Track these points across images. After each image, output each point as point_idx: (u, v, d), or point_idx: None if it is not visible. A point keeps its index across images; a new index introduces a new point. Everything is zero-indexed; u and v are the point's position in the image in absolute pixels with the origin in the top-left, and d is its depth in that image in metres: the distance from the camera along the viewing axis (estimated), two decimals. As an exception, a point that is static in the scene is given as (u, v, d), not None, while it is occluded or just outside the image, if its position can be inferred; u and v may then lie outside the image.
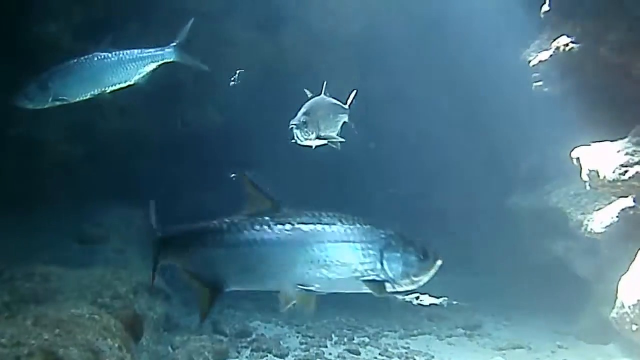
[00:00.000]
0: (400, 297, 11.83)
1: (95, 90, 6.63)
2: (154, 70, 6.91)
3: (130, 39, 10.44)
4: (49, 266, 8.12)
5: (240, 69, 12.19)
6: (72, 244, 9.84)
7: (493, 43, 11.08)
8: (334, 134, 6.69)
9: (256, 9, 12.07)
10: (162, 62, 6.95)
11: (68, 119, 10.46)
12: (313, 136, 6.28)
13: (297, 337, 9.62)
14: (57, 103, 6.56)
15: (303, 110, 6.31)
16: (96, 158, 11.23)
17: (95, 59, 6.63)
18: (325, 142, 6.51)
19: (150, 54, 6.89)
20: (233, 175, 14.16)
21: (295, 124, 6.12)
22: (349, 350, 9.01)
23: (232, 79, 12.74)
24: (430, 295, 12.02)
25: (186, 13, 11.07)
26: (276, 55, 12.37)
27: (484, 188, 11.96)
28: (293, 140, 6.22)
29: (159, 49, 6.95)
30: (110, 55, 6.71)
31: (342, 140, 6.65)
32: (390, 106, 12.99)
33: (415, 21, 12.04)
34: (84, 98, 6.64)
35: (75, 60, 6.58)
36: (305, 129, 6.16)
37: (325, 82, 6.95)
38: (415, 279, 4.35)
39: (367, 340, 9.61)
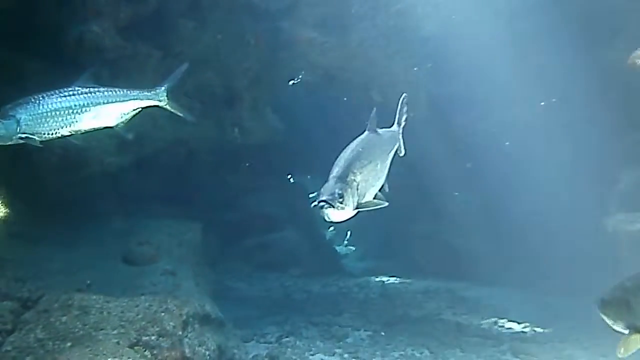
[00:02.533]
0: (476, 321, 10.82)
1: (68, 129, 5.70)
2: (137, 113, 6.09)
3: (184, 38, 9.68)
4: (89, 295, 7.20)
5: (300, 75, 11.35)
6: (117, 264, 8.94)
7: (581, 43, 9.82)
8: (376, 190, 5.13)
9: (320, 8, 11.02)
10: (147, 105, 6.11)
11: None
12: (351, 208, 4.59)
13: (368, 375, 8.53)
14: (22, 141, 5.61)
15: (337, 171, 4.68)
16: (146, 169, 10.37)
17: (73, 93, 5.71)
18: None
19: (136, 94, 6.02)
20: (290, 176, 13.40)
21: (327, 201, 4.42)
22: (427, 398, 7.90)
23: (293, 80, 11.87)
24: (509, 320, 10.92)
25: (248, 10, 10.19)
26: (341, 57, 11.29)
27: (573, 201, 10.64)
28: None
29: (146, 89, 6.10)
30: (90, 90, 5.77)
31: (385, 204, 4.96)
32: (468, 108, 11.87)
33: (498, 17, 10.82)
34: (55, 137, 5.71)
35: (49, 93, 5.64)
36: (341, 204, 4.47)
37: (375, 110, 5.56)
38: None
39: (446, 383, 8.49)
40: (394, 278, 14.01)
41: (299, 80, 11.49)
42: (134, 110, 6.03)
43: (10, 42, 8.23)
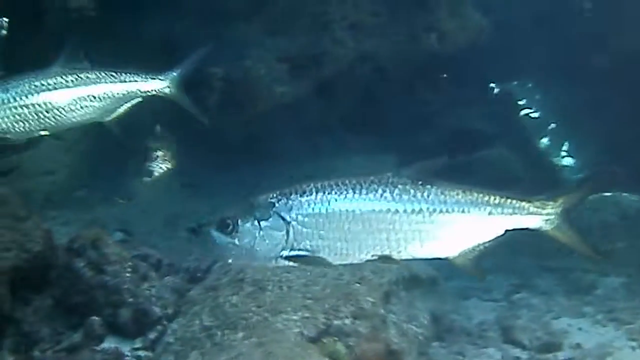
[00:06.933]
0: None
1: (44, 124, 4.38)
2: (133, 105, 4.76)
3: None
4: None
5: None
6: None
7: None
8: None
9: None
10: (148, 94, 4.73)
11: None
12: None
13: (633, 348, 6.32)
14: None
15: None
16: (327, 95, 8.81)
17: (53, 77, 4.41)
18: None
19: (137, 79, 4.69)
20: (493, 85, 11.20)
21: None
22: None
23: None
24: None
25: None
26: None
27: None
28: None
29: (150, 74, 4.76)
30: (78, 73, 4.46)
31: None
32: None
33: None
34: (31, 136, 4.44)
35: (18, 78, 4.34)
36: None
37: None
38: None
39: None
40: (629, 194, 11.12)
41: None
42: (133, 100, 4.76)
43: None
